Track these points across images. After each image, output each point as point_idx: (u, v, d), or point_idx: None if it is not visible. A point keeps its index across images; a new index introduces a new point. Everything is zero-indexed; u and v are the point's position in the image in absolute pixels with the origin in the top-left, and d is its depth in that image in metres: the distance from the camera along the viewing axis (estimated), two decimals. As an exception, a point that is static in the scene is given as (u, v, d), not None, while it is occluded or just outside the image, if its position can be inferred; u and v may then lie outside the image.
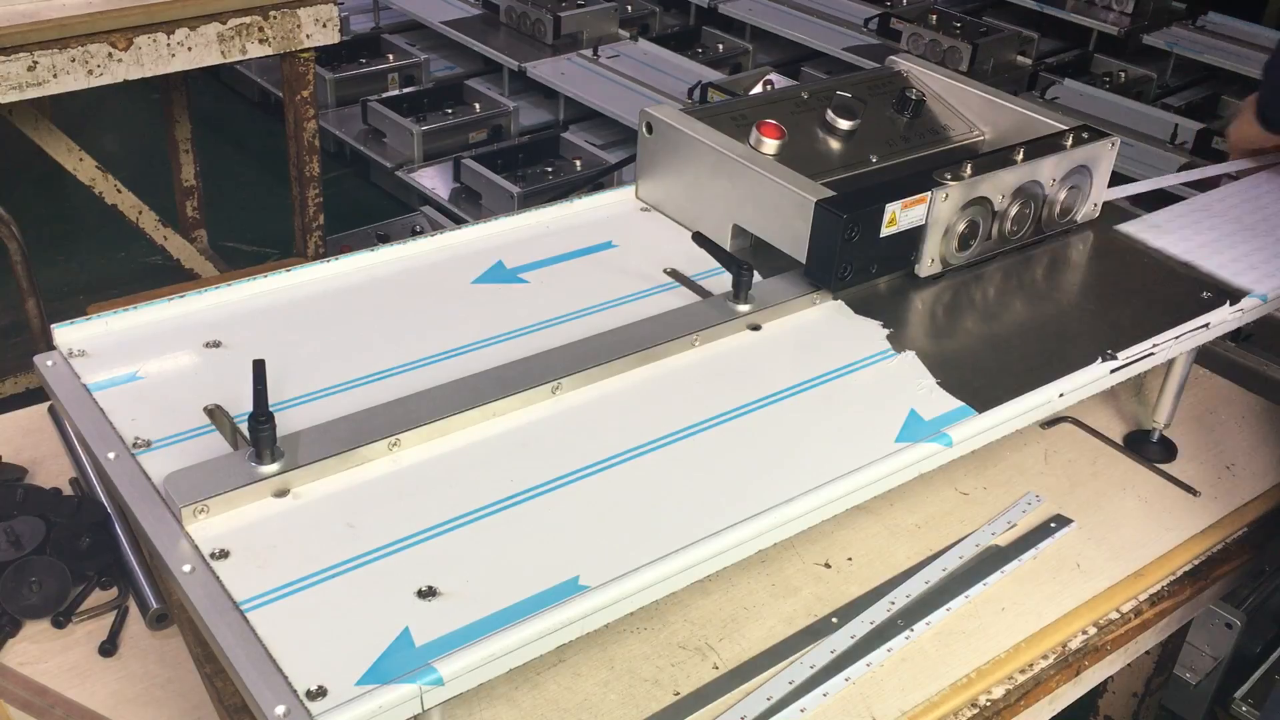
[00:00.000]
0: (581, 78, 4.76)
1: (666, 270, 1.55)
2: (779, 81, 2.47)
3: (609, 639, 1.29)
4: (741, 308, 1.44)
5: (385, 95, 4.73)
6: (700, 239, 1.54)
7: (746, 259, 1.48)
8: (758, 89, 1.91)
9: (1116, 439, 1.69)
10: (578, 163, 4.43)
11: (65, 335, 1.32)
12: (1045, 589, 1.42)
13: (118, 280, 3.84)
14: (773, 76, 2.58)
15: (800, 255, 1.49)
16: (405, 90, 4.86)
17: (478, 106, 4.71)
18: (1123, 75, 5.13)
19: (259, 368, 1.11)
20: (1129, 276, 1.61)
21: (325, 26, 2.87)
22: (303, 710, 0.91)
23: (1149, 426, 1.68)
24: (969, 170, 1.50)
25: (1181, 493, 1.60)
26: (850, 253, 1.45)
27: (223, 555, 1.05)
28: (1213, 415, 1.77)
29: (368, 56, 5.03)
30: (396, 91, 4.85)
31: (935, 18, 5.01)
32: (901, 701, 1.26)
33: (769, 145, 1.61)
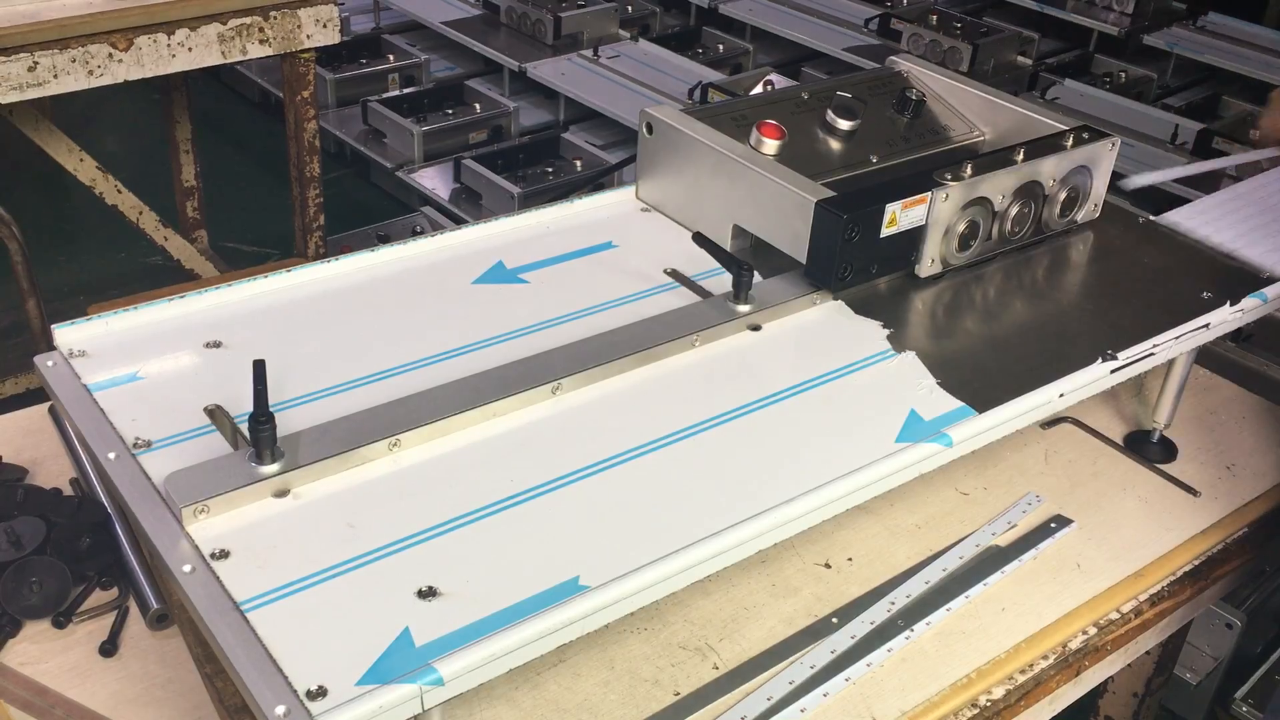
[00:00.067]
0: (582, 78, 4.76)
1: (667, 270, 1.55)
2: (779, 82, 2.47)
3: (609, 639, 1.29)
4: (742, 308, 1.44)
5: (385, 96, 4.73)
6: (700, 239, 1.54)
7: (747, 259, 1.48)
8: (758, 89, 1.91)
9: (1117, 439, 1.69)
10: (578, 163, 4.43)
11: (66, 335, 1.33)
12: (1045, 589, 1.42)
13: (118, 280, 3.84)
14: (773, 77, 2.58)
15: (800, 255, 1.49)
16: (406, 91, 4.86)
17: (478, 107, 4.71)
18: (1123, 75, 5.13)
19: (259, 368, 1.11)
20: (1129, 277, 1.61)
21: (326, 27, 2.87)
22: (303, 710, 0.91)
23: (1149, 427, 1.68)
24: (969, 170, 1.50)
25: (1182, 493, 1.60)
26: (850, 253, 1.45)
27: (223, 555, 1.05)
28: (1213, 416, 1.77)
29: (368, 57, 5.03)
30: (397, 92, 4.85)
31: (935, 18, 5.01)
32: (902, 702, 1.26)
33: (769, 145, 1.62)
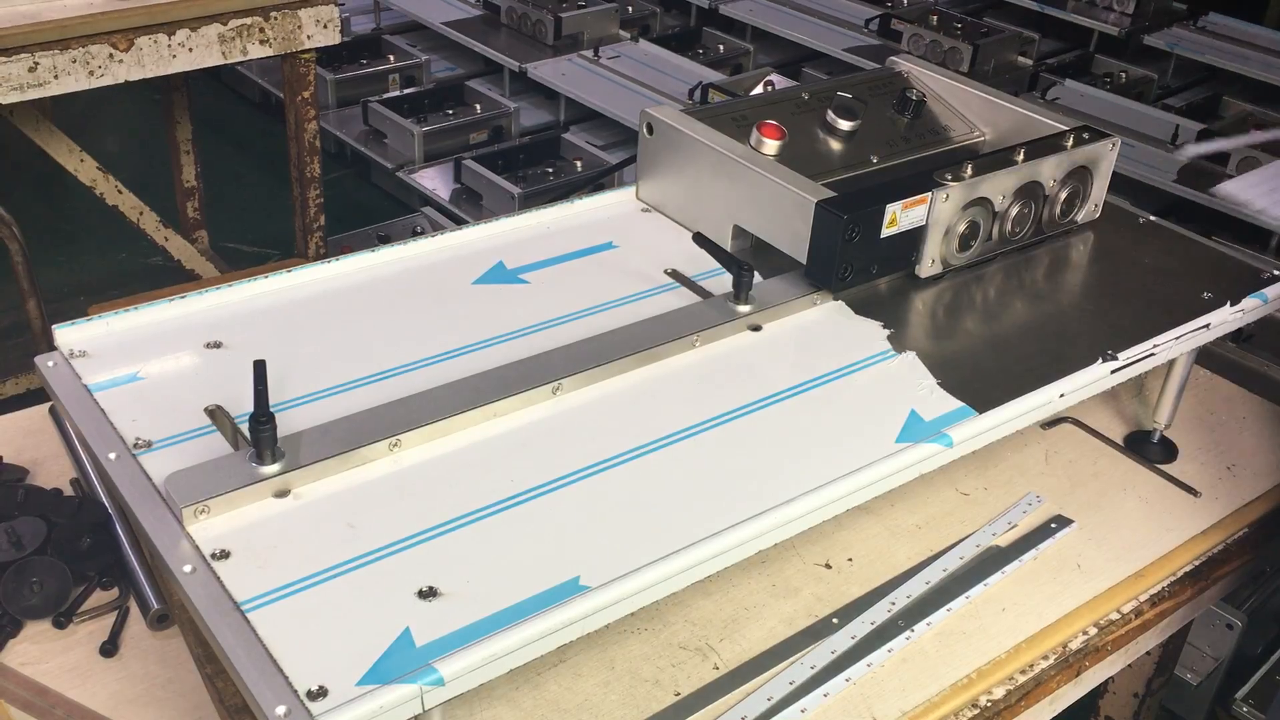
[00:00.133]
0: (582, 78, 4.76)
1: (667, 271, 1.55)
2: (780, 82, 2.48)
3: (610, 639, 1.29)
4: (742, 308, 1.44)
5: (386, 96, 4.73)
6: (701, 239, 1.54)
7: (747, 259, 1.48)
8: (758, 90, 1.91)
9: (1117, 439, 1.69)
10: (578, 163, 4.43)
11: (66, 336, 1.33)
12: (1046, 589, 1.42)
13: (118, 281, 3.84)
14: (773, 77, 2.59)
15: (801, 256, 1.49)
16: (406, 91, 4.86)
17: (478, 107, 4.71)
18: (1123, 76, 5.13)
19: (260, 368, 1.11)
20: (1129, 277, 1.61)
21: (326, 27, 2.87)
22: (303, 710, 0.91)
23: (1150, 427, 1.68)
24: (969, 171, 1.50)
25: (1182, 493, 1.60)
26: (851, 253, 1.45)
27: (223, 555, 1.05)
28: (1213, 416, 1.77)
29: (368, 57, 5.03)
30: (397, 92, 4.84)
31: (936, 18, 5.01)
32: (902, 702, 1.26)
33: (769, 146, 1.62)
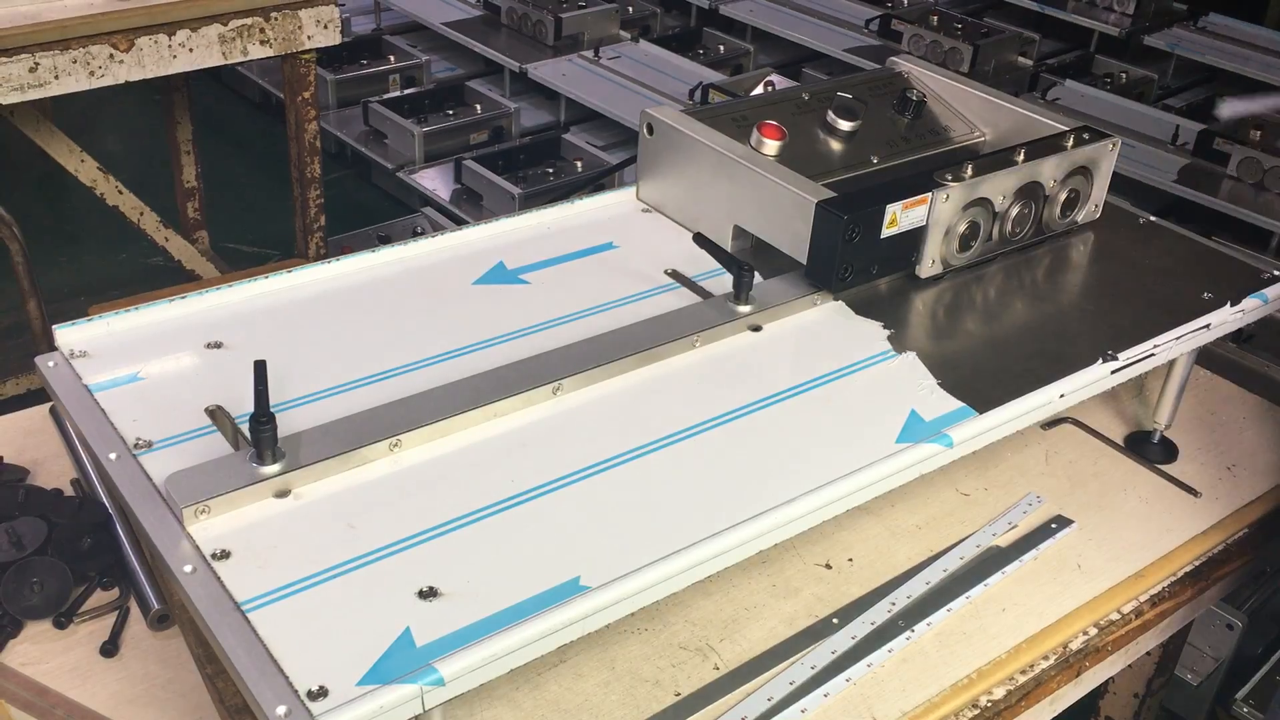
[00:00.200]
0: (582, 79, 4.76)
1: (667, 271, 1.55)
2: (780, 83, 2.48)
3: (610, 639, 1.29)
4: (742, 308, 1.44)
5: (386, 96, 4.73)
6: (701, 240, 1.54)
7: (747, 260, 1.48)
8: (759, 90, 1.91)
9: (1117, 440, 1.68)
10: (579, 164, 4.43)
11: (67, 336, 1.33)
12: (1046, 590, 1.42)
13: (119, 281, 3.84)
14: (774, 78, 2.59)
15: (801, 256, 1.49)
16: (406, 91, 4.86)
17: (479, 108, 4.71)
18: (1124, 76, 5.13)
19: (260, 368, 1.11)
20: (1130, 277, 1.61)
21: (326, 28, 2.87)
22: (304, 710, 0.91)
23: (1150, 427, 1.68)
24: (970, 171, 1.50)
25: (1182, 494, 1.60)
26: (851, 253, 1.45)
27: (224, 556, 1.05)
28: (1214, 416, 1.77)
29: (369, 58, 5.03)
30: (398, 93, 4.85)
31: (936, 19, 5.01)
32: (902, 702, 1.26)
33: (770, 146, 1.62)
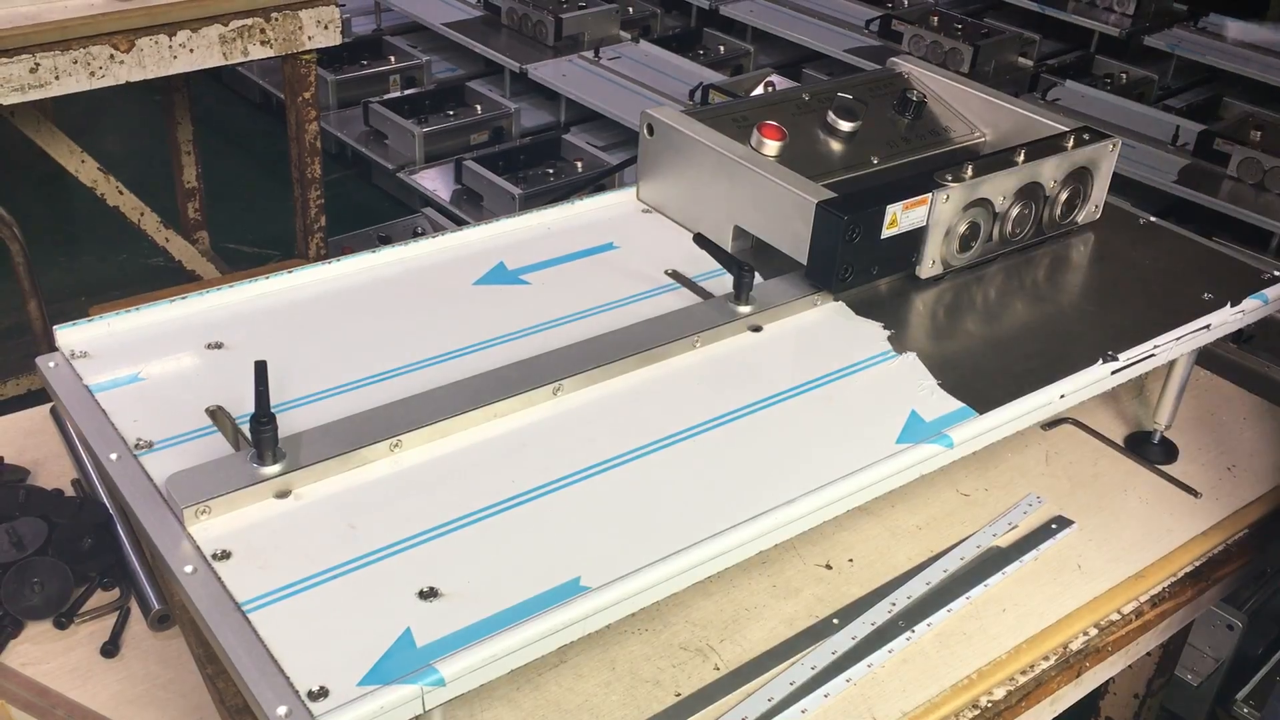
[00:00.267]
0: (583, 79, 4.76)
1: (667, 271, 1.55)
2: (780, 83, 2.47)
3: (610, 640, 1.29)
4: (742, 309, 1.44)
5: (387, 97, 4.74)
6: (701, 240, 1.54)
7: (747, 260, 1.48)
8: (759, 90, 1.91)
9: (1118, 440, 1.68)
10: (579, 164, 4.43)
11: (67, 336, 1.33)
12: (1046, 590, 1.42)
13: (119, 282, 3.84)
14: (774, 78, 2.59)
15: (801, 257, 1.49)
16: (407, 92, 4.86)
17: (479, 108, 4.71)
18: (1124, 77, 5.13)
19: (261, 369, 1.11)
20: (1130, 278, 1.61)
21: (327, 28, 2.87)
22: (304, 711, 0.91)
23: (1150, 428, 1.68)
24: (970, 172, 1.50)
25: (1183, 494, 1.60)
26: (851, 254, 1.45)
27: (224, 556, 1.06)
28: (1214, 417, 1.77)
29: (369, 58, 5.03)
30: (398, 93, 4.85)
31: (936, 19, 5.01)
32: (902, 702, 1.26)
33: (770, 147, 1.62)
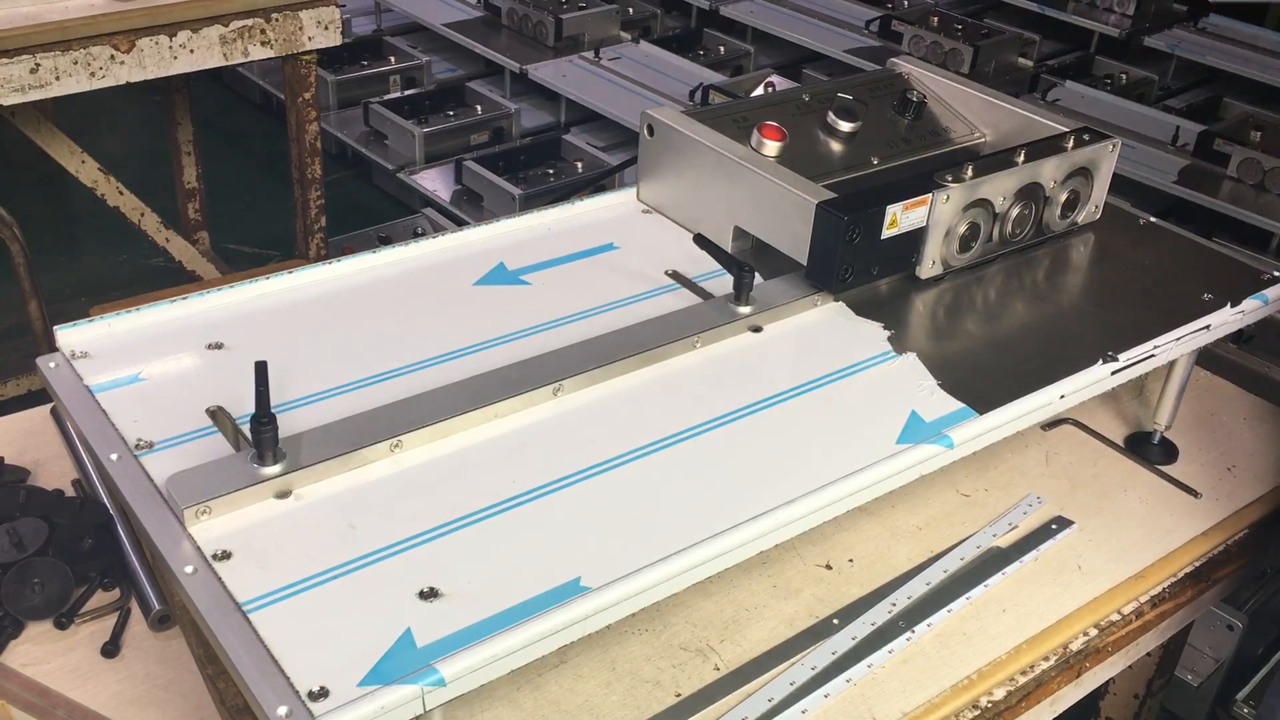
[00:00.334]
0: (583, 80, 4.76)
1: (668, 272, 1.55)
2: (780, 84, 2.47)
3: (610, 640, 1.29)
4: (743, 309, 1.44)
5: (387, 97, 4.74)
6: (701, 241, 1.54)
7: (747, 261, 1.48)
8: (759, 91, 1.91)
9: (1118, 440, 1.69)
10: (579, 165, 4.43)
11: (68, 337, 1.33)
12: (1046, 590, 1.42)
13: (120, 282, 3.84)
14: (774, 79, 2.58)
15: (801, 257, 1.49)
16: (407, 92, 4.86)
17: (479, 108, 4.72)
18: (1124, 77, 5.13)
19: (261, 369, 1.11)
20: (1130, 278, 1.61)
21: (327, 29, 2.87)
22: (305, 711, 0.91)
23: (1150, 428, 1.68)
24: (970, 172, 1.50)
25: (1183, 494, 1.60)
26: (851, 254, 1.45)
27: (225, 556, 1.06)
28: (1214, 417, 1.77)
29: (369, 59, 5.03)
30: (398, 93, 4.85)
31: (936, 20, 5.01)
32: (903, 703, 1.26)
33: (770, 147, 1.62)
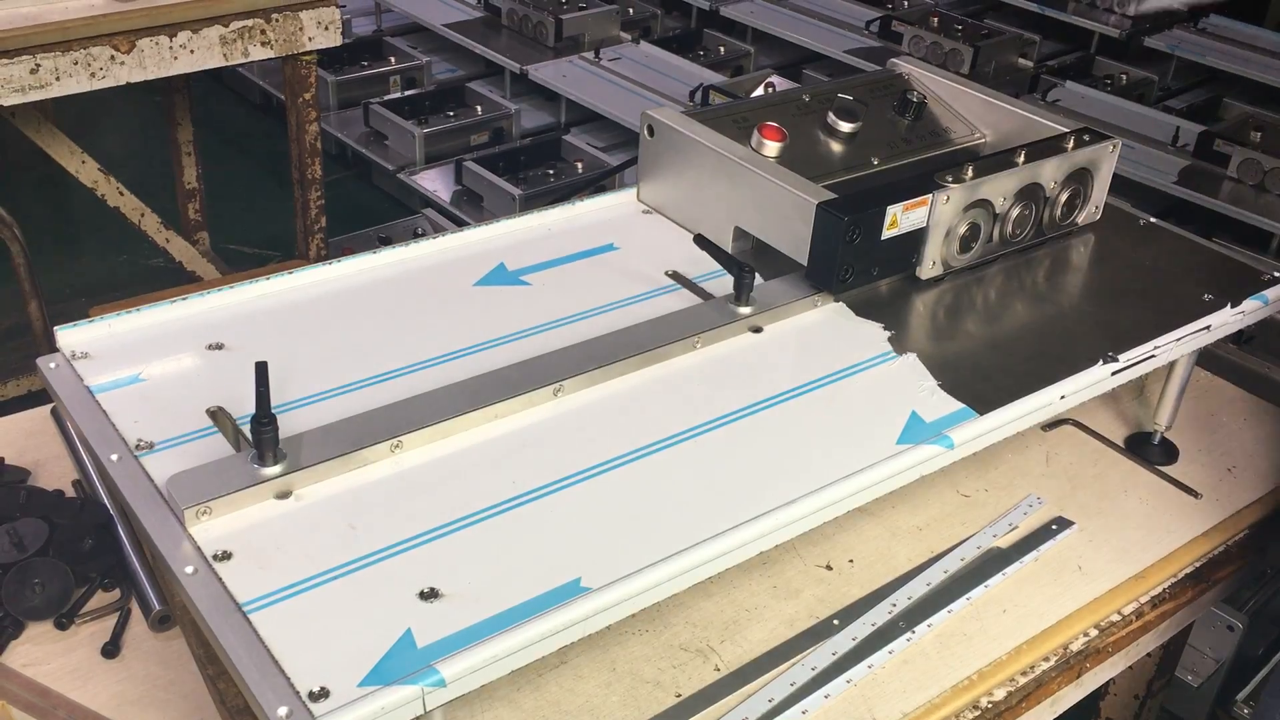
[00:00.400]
0: (583, 80, 4.76)
1: (668, 272, 1.55)
2: (780, 84, 2.47)
3: (611, 640, 1.29)
4: (743, 310, 1.44)
5: (387, 98, 4.74)
6: (702, 241, 1.54)
7: (748, 261, 1.48)
8: (759, 91, 1.91)
9: (1118, 441, 1.69)
10: (579, 165, 4.43)
11: (68, 337, 1.33)
12: (1046, 591, 1.42)
13: (120, 282, 3.84)
14: (774, 79, 2.58)
15: (801, 257, 1.49)
16: (407, 93, 4.86)
17: (479, 109, 4.72)
18: (1124, 78, 5.13)
19: (261, 369, 1.11)
20: (1130, 279, 1.61)
21: (327, 29, 2.87)
22: (305, 711, 0.91)
23: (1150, 429, 1.68)
24: (970, 172, 1.50)
25: (1183, 495, 1.60)
26: (851, 255, 1.45)
27: (225, 557, 1.06)
28: (1214, 417, 1.77)
29: (369, 59, 5.03)
30: (398, 94, 4.85)
31: (936, 20, 5.01)
32: (903, 703, 1.26)
33: (770, 148, 1.62)
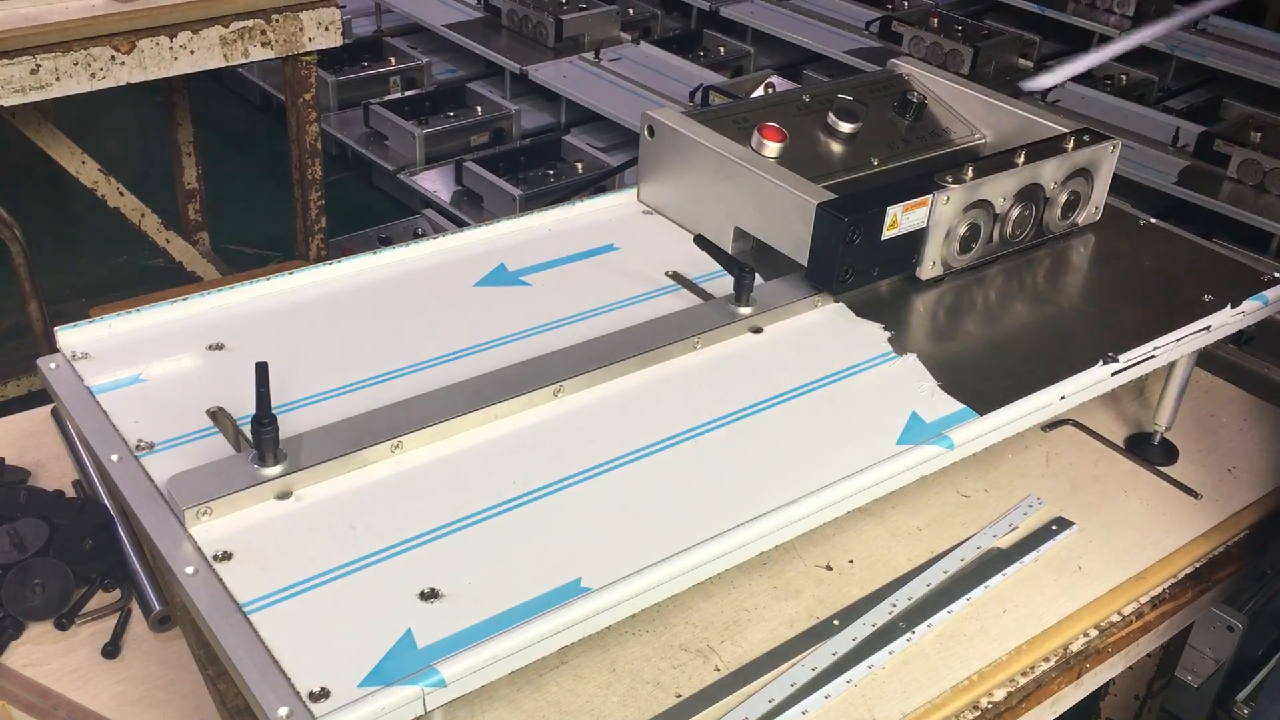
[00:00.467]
0: (583, 80, 4.76)
1: (668, 273, 1.55)
2: (780, 84, 2.48)
3: (611, 641, 1.29)
4: (743, 310, 1.44)
5: (387, 98, 4.74)
6: (702, 242, 1.54)
7: (748, 262, 1.48)
8: (759, 92, 1.91)
9: (1118, 441, 1.69)
10: (579, 165, 4.43)
11: (68, 338, 1.33)
12: (1046, 591, 1.42)
13: (120, 283, 3.84)
14: (774, 79, 2.59)
15: (801, 258, 1.49)
16: (407, 93, 4.86)
17: (479, 109, 4.72)
18: (1124, 78, 5.13)
19: (262, 370, 1.11)
20: (1130, 279, 1.61)
21: (327, 29, 2.87)
22: (305, 712, 0.91)
23: (1150, 429, 1.68)
24: (970, 173, 1.50)
25: (1183, 495, 1.60)
26: (851, 255, 1.45)
27: (225, 557, 1.06)
28: (1214, 418, 1.77)
29: (370, 59, 5.03)
30: (398, 94, 4.85)
31: (936, 21, 5.01)
32: (903, 704, 1.26)
33: (770, 148, 1.62)
